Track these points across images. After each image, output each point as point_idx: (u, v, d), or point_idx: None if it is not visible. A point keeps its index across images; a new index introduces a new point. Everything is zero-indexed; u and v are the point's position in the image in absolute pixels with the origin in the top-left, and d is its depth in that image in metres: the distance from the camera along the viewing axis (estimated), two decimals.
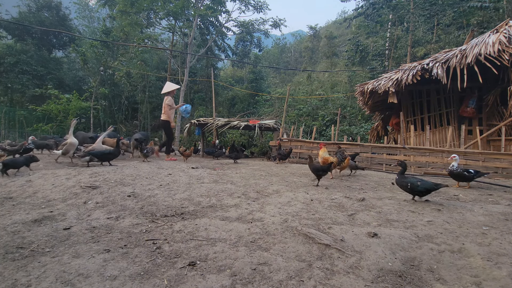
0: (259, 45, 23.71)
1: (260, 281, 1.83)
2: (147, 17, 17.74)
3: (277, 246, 2.27)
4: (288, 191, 3.91)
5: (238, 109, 21.44)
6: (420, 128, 8.63)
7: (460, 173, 4.48)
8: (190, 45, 17.35)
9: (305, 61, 34.39)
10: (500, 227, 2.68)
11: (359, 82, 13.33)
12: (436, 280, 1.91)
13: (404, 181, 3.46)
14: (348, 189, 4.30)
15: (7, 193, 3.74)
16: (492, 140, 7.35)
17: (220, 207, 3.24)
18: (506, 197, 3.97)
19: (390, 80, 8.03)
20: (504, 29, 7.13)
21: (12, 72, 19.17)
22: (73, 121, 6.33)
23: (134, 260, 2.07)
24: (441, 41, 15.49)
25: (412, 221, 2.82)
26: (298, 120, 16.58)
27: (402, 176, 3.53)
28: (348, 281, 1.85)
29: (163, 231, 2.58)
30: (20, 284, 1.78)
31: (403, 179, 3.49)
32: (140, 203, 3.30)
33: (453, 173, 4.55)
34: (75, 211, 3.03)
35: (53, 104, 15.33)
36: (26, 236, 2.46)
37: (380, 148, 7.34)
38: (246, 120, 10.10)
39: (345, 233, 2.48)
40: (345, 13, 45.65)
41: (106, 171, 4.61)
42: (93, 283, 1.79)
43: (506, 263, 2.03)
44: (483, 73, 6.68)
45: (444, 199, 3.80)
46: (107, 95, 19.24)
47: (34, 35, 21.28)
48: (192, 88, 22.44)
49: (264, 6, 19.46)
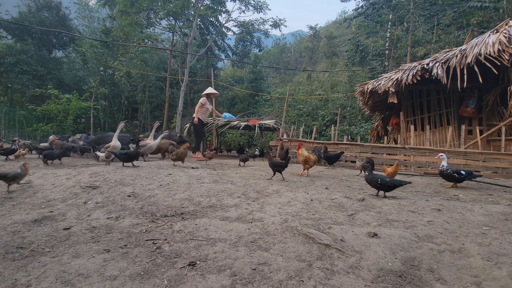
0: (259, 45, 23.71)
1: (260, 281, 1.83)
2: (147, 17, 17.74)
3: (277, 246, 2.27)
4: (288, 191, 3.90)
5: (238, 109, 21.44)
6: (420, 128, 8.63)
7: (449, 174, 4.50)
8: (190, 45, 17.35)
9: (305, 61, 34.39)
10: (500, 227, 2.68)
11: (359, 82, 13.33)
12: (436, 280, 1.91)
13: (374, 177, 3.76)
14: (348, 189, 4.30)
15: (7, 193, 3.74)
16: (492, 140, 7.35)
17: (220, 207, 3.23)
18: (506, 197, 3.97)
19: (390, 80, 8.03)
20: (504, 29, 7.13)
21: (12, 72, 19.17)
22: (120, 124, 6.25)
23: (134, 260, 2.07)
24: (441, 41, 15.49)
25: (412, 221, 2.82)
26: (298, 120, 16.59)
27: (371, 174, 3.83)
28: (348, 281, 1.85)
29: (163, 231, 2.58)
30: (20, 284, 1.78)
31: (372, 176, 3.79)
32: (140, 203, 3.30)
33: (442, 174, 4.58)
34: (75, 211, 3.03)
35: (53, 104, 15.33)
36: (26, 236, 2.46)
37: (380, 148, 7.34)
38: (246, 120, 10.09)
39: (345, 233, 2.48)
40: (345, 13, 45.64)
41: (106, 171, 4.61)
42: (93, 283, 1.79)
43: (506, 263, 2.03)
44: (483, 73, 6.68)
45: (444, 199, 3.80)
46: (107, 95, 19.23)
47: (34, 35, 21.28)
48: (192, 88, 22.43)
49: (264, 6, 19.46)
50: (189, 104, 22.22)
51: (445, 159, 4.61)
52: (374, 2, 20.04)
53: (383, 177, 3.72)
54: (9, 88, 20.52)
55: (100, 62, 18.71)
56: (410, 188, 4.47)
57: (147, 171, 4.82)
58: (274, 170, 4.75)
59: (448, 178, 4.58)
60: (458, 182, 4.58)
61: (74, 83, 22.94)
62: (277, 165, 4.73)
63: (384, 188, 3.69)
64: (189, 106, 22.26)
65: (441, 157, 4.67)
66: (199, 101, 8.06)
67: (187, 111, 20.20)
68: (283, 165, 4.74)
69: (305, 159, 5.19)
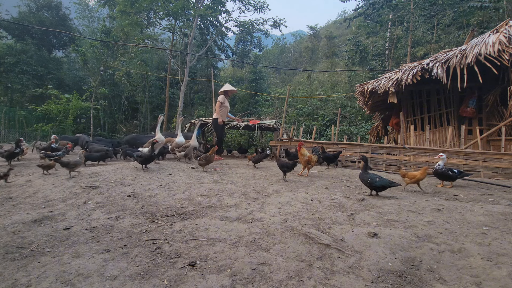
0: (259, 45, 23.69)
1: (260, 281, 1.83)
2: (147, 17, 17.73)
3: (277, 246, 2.27)
4: (288, 191, 3.91)
5: (238, 109, 21.43)
6: (420, 128, 8.62)
7: (444, 172, 4.61)
8: (190, 45, 17.34)
9: (305, 61, 34.39)
10: (500, 227, 2.68)
11: (359, 82, 13.33)
12: (436, 280, 1.91)
13: (366, 176, 3.80)
14: (348, 189, 4.30)
15: (7, 193, 3.74)
16: (492, 140, 7.34)
17: (220, 207, 3.23)
18: (506, 197, 3.97)
19: (390, 80, 8.02)
20: (504, 29, 7.12)
21: (12, 72, 19.16)
22: (197, 123, 6.15)
23: (134, 260, 2.07)
24: (441, 41, 15.48)
25: (412, 221, 2.82)
26: (298, 120, 16.59)
27: (365, 172, 3.85)
28: (348, 281, 1.85)
29: (163, 231, 2.58)
30: (20, 284, 1.78)
31: (365, 174, 3.82)
32: (140, 203, 3.30)
33: (437, 172, 4.67)
34: (75, 211, 3.03)
35: (53, 104, 15.32)
36: (26, 236, 2.46)
37: (380, 148, 7.33)
38: (246, 120, 10.09)
39: (345, 233, 2.48)
40: (345, 13, 45.60)
41: (106, 171, 4.60)
42: (93, 283, 1.79)
43: (506, 263, 2.03)
44: (483, 73, 6.67)
45: (444, 199, 3.80)
46: (107, 95, 19.23)
47: (34, 35, 21.28)
48: (192, 88, 22.44)
49: (264, 6, 19.44)
50: (189, 104, 22.23)
51: (443, 159, 4.69)
52: (374, 2, 20.04)
53: (373, 177, 3.76)
54: (9, 88, 20.52)
55: (100, 62, 18.71)
56: (410, 188, 4.48)
57: (147, 171, 4.81)
58: (283, 170, 4.84)
59: (443, 176, 4.67)
60: (452, 180, 4.68)
61: (74, 83, 22.95)
62: (284, 166, 4.83)
63: (373, 187, 3.76)
64: (189, 106, 22.27)
65: (441, 157, 4.73)
66: (218, 100, 7.53)
67: (187, 111, 20.20)
68: (289, 166, 4.83)
69: (307, 159, 5.23)
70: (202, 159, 5.24)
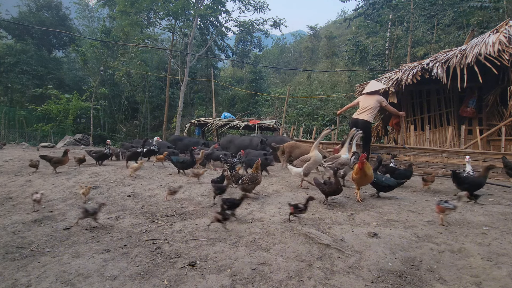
0: (259, 45, 23.70)
1: (260, 281, 1.83)
2: (147, 17, 17.73)
3: (277, 246, 2.27)
4: (288, 191, 3.90)
5: (238, 109, 21.43)
6: (420, 128, 8.62)
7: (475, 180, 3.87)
8: (190, 45, 17.34)
9: (305, 61, 34.34)
10: (500, 227, 2.68)
11: (359, 82, 13.32)
12: (436, 280, 1.91)
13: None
14: (348, 189, 4.30)
15: (7, 193, 3.74)
16: (492, 140, 7.34)
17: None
18: (506, 197, 3.96)
19: (390, 80, 8.02)
20: (504, 29, 7.12)
21: (12, 72, 19.16)
22: (326, 130, 4.87)
23: (134, 260, 2.07)
24: (441, 41, 15.47)
25: (412, 221, 2.82)
26: (298, 120, 16.58)
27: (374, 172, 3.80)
28: (348, 281, 1.85)
29: (163, 231, 2.58)
30: (20, 284, 1.78)
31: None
32: (140, 203, 3.30)
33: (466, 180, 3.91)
34: (75, 211, 3.03)
35: (53, 104, 15.30)
36: (26, 236, 2.46)
37: (380, 148, 7.33)
38: (246, 120, 10.09)
39: (345, 233, 2.48)
40: (345, 13, 45.47)
41: (106, 171, 4.60)
42: (93, 283, 1.79)
43: (506, 263, 2.03)
44: (483, 73, 6.66)
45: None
46: (107, 95, 19.23)
47: (34, 35, 21.27)
48: (192, 88, 22.43)
49: (264, 6, 19.44)
50: (189, 104, 22.21)
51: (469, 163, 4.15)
52: (374, 2, 20.02)
53: (379, 178, 3.74)
54: (9, 88, 20.51)
55: (100, 62, 18.70)
56: (410, 188, 4.48)
57: (147, 171, 4.81)
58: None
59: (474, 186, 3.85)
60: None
61: (74, 83, 22.94)
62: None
63: (380, 188, 3.70)
64: (189, 106, 22.26)
65: (467, 160, 4.17)
66: (378, 100, 6.41)
67: (187, 111, 20.19)
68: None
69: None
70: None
